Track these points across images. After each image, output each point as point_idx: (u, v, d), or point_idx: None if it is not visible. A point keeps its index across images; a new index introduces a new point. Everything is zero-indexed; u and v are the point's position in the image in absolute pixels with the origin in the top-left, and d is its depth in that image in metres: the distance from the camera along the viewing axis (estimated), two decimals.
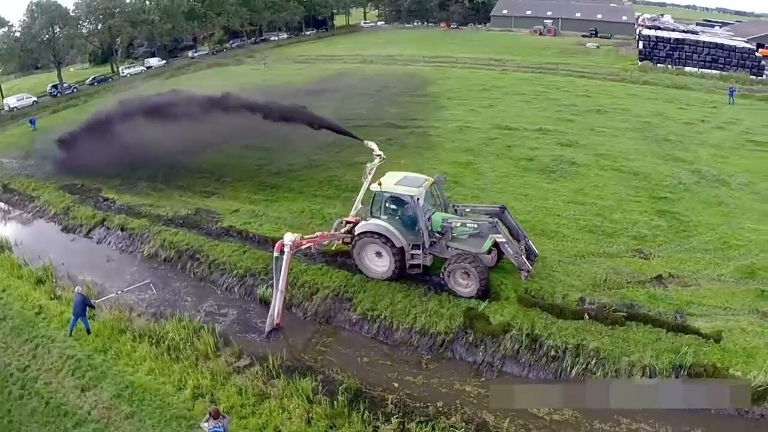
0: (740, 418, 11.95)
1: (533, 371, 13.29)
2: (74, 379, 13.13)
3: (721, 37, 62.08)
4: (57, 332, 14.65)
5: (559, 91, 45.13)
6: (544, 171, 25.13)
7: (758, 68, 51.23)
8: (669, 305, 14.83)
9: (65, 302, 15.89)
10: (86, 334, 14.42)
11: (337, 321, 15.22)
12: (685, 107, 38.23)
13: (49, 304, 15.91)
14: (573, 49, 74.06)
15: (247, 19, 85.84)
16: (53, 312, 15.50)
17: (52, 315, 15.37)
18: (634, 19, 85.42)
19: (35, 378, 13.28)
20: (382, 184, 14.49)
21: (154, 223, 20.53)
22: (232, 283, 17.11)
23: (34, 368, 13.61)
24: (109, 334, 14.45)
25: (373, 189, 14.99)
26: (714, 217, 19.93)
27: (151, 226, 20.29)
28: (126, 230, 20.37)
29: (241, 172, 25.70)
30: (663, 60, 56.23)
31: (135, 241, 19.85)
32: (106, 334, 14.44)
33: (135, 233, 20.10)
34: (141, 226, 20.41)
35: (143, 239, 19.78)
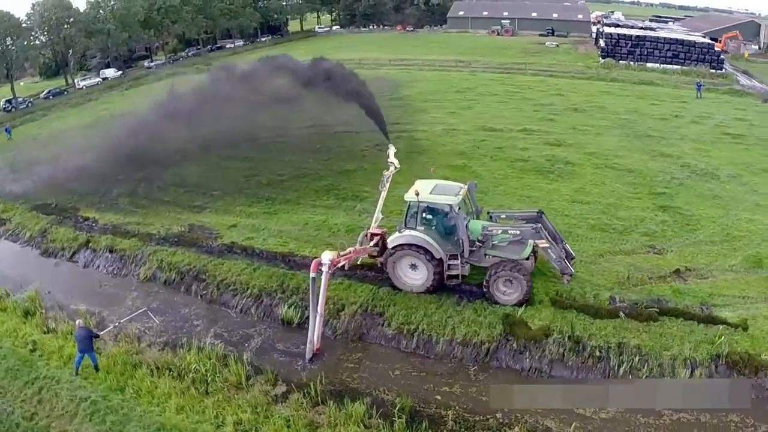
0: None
1: (581, 373, 13.61)
2: (93, 425, 12.21)
3: (678, 32, 65.88)
4: (60, 371, 13.67)
5: (533, 91, 46.60)
6: (541, 171, 25.85)
7: (718, 62, 54.70)
8: (694, 298, 15.62)
9: (61, 335, 14.98)
10: (95, 372, 13.56)
11: (370, 337, 15.04)
12: (657, 103, 40.35)
13: (43, 339, 14.89)
14: (534, 49, 76.61)
15: (203, 27, 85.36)
16: (50, 348, 14.50)
17: (50, 351, 14.36)
18: (589, 17, 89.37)
19: (47, 427, 12.26)
20: (419, 194, 14.43)
21: (146, 243, 19.67)
22: (247, 304, 16.59)
23: (42, 416, 12.58)
24: (121, 369, 13.62)
25: (409, 200, 14.93)
26: (712, 210, 21.13)
27: (144, 246, 19.43)
28: (115, 252, 19.40)
29: (229, 184, 25.05)
30: (625, 57, 59.13)
31: (127, 263, 18.93)
32: (117, 369, 13.60)
33: (126, 255, 19.18)
34: (132, 246, 19.50)
35: (137, 261, 18.91)
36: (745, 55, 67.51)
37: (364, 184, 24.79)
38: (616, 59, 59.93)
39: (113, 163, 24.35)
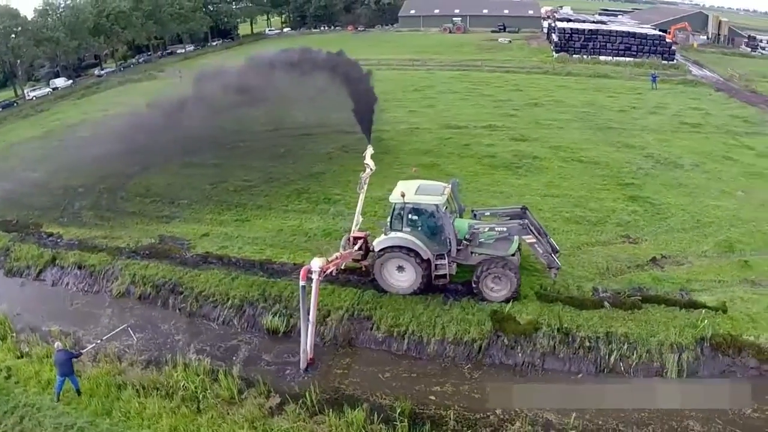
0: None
1: (574, 364, 13.95)
2: None
3: (628, 25, 68.50)
4: (41, 398, 12.95)
5: (491, 87, 47.49)
6: (509, 167, 26.34)
7: (669, 54, 57.21)
8: (673, 285, 16.29)
9: (37, 359, 14.17)
10: (77, 396, 12.91)
11: (360, 342, 14.93)
12: (615, 95, 41.89)
13: (17, 364, 14.05)
14: (487, 45, 78.11)
15: (153, 32, 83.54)
16: (26, 373, 13.70)
17: (27, 377, 13.57)
18: (540, 12, 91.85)
19: None
20: (405, 195, 14.39)
21: (116, 257, 18.85)
22: (229, 316, 16.16)
23: None
24: (105, 391, 13.01)
25: (394, 201, 14.86)
26: (679, 198, 22.09)
27: (114, 261, 18.63)
28: (84, 268, 18.51)
29: (195, 192, 24.35)
30: (578, 51, 61.02)
31: (98, 279, 18.11)
32: (101, 392, 12.98)
33: (96, 270, 18.34)
34: (101, 261, 18.65)
35: (108, 276, 18.10)
36: (694, 45, 70.85)
37: (334, 186, 24.68)
38: (570, 53, 61.77)
39: (72, 175, 23.23)
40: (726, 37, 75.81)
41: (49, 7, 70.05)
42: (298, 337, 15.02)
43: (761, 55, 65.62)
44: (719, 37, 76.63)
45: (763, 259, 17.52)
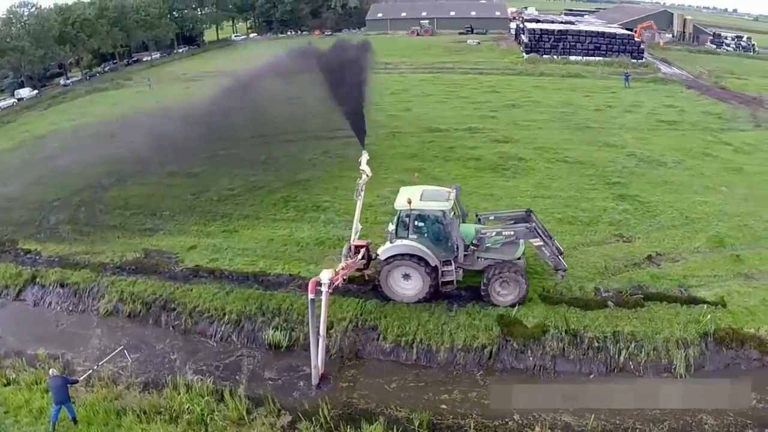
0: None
1: (585, 365, 14.06)
2: None
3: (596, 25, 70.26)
4: (33, 429, 12.27)
5: (467, 89, 47.97)
6: (496, 169, 26.56)
7: (638, 52, 58.92)
8: (671, 281, 16.66)
9: (26, 386, 13.44)
10: (74, 425, 12.26)
11: (367, 353, 14.69)
12: (590, 95, 42.85)
13: (5, 392, 13.29)
14: (456, 47, 78.94)
15: (119, 40, 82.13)
16: (15, 402, 12.94)
17: (17, 406, 12.82)
18: (507, 14, 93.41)
19: None
20: (411, 202, 14.25)
21: (100, 274, 18.10)
22: (227, 332, 15.66)
23: None
24: (103, 419, 12.40)
25: (400, 208, 14.70)
26: (666, 195, 22.66)
27: (99, 278, 17.87)
28: (67, 286, 17.68)
29: (177, 202, 23.66)
30: (548, 51, 62.32)
31: (83, 297, 17.32)
32: (99, 419, 12.39)
33: (81, 288, 17.54)
34: (85, 278, 17.87)
35: (94, 294, 17.35)
36: (660, 43, 73.23)
37: (321, 193, 24.39)
38: (540, 54, 63.02)
39: (46, 188, 22.25)
40: (691, 34, 78.78)
41: (13, 15, 68.29)
42: (301, 351, 14.84)
43: (726, 52, 68.38)
44: (684, 34, 79.53)
45: (753, 252, 18.10)
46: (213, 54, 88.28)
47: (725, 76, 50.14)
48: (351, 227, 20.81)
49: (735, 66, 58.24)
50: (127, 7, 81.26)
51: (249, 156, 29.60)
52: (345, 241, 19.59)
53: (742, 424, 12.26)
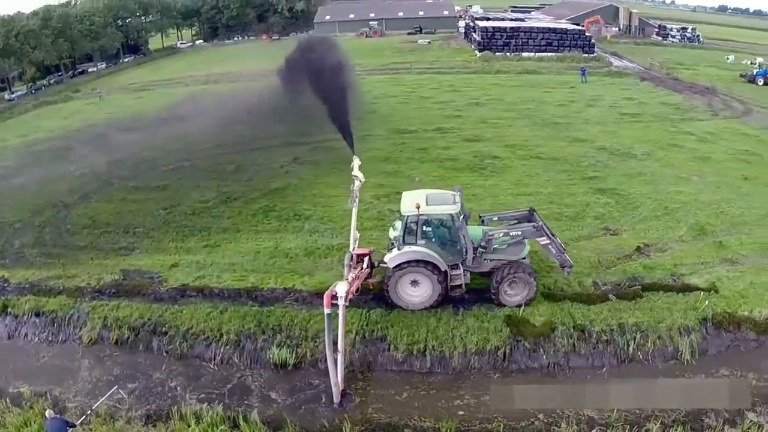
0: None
1: (596, 359, 14.34)
2: None
3: (545, 21, 72.40)
4: None
5: (427, 89, 48.37)
6: (474, 169, 26.84)
7: (589, 47, 61.11)
8: (663, 271, 17.30)
9: (14, 429, 12.43)
10: None
11: (379, 365, 14.39)
12: (549, 90, 44.06)
13: None
14: (408, 48, 79.65)
15: (65, 51, 79.47)
16: None
17: None
18: (454, 13, 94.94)
19: None
20: (420, 207, 14.10)
21: (78, 299, 16.94)
22: (227, 353, 15.00)
23: None
24: None
25: (407, 213, 14.51)
26: (642, 187, 23.54)
27: (77, 304, 16.73)
28: (44, 315, 16.47)
29: (149, 218, 22.56)
30: (501, 48, 63.76)
31: (63, 326, 16.15)
32: None
33: (59, 316, 16.37)
34: (63, 305, 16.69)
35: (75, 322, 16.21)
36: (607, 37, 76.24)
37: (300, 201, 23.93)
38: (493, 51, 64.39)
39: (4, 210, 20.76)
40: (637, 27, 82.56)
41: None
42: (309, 368, 14.49)
43: (672, 43, 71.92)
44: (630, 27, 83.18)
45: (734, 238, 19.05)
46: (160, 62, 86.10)
47: (675, 67, 52.73)
48: (337, 235, 20.72)
49: (683, 57, 61.43)
50: (71, 17, 79.26)
51: (215, 166, 28.73)
52: (335, 250, 19.46)
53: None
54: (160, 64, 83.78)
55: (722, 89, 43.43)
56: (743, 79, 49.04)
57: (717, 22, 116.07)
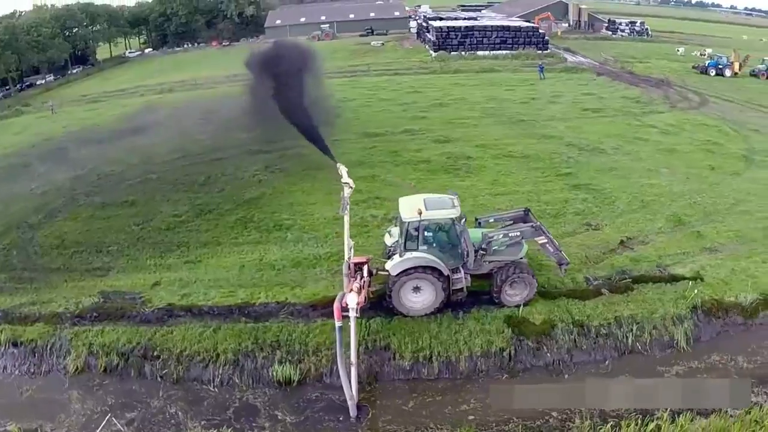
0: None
1: (598, 353, 14.73)
2: None
3: (498, 19, 73.87)
4: None
5: (388, 91, 48.49)
6: (448, 170, 27.04)
7: (543, 43, 62.72)
8: (649, 263, 17.95)
9: None
10: None
11: (386, 375, 14.22)
12: (510, 88, 44.94)
13: None
14: (362, 50, 79.72)
15: (12, 64, 76.98)
16: None
17: None
18: (405, 13, 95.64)
19: None
20: (422, 212, 14.04)
21: (57, 326, 15.93)
22: (226, 374, 14.48)
23: None
24: None
25: (408, 219, 14.40)
26: (615, 181, 24.33)
27: (58, 331, 15.73)
28: (22, 345, 15.42)
29: (122, 235, 21.52)
30: (456, 48, 64.63)
31: (45, 356, 15.13)
32: None
33: (39, 346, 15.39)
34: (42, 333, 15.66)
35: (57, 351, 15.20)
36: (558, 33, 78.44)
37: (278, 211, 23.44)
38: (448, 51, 65.19)
39: None
40: (586, 22, 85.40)
41: None
42: (315, 383, 14.18)
43: (622, 37, 74.73)
44: (580, 23, 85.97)
45: (710, 227, 19.96)
46: (109, 73, 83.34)
47: (628, 60, 54.74)
48: (322, 244, 20.39)
49: (634, 50, 63.91)
50: (18, 29, 76.77)
51: (184, 178, 27.80)
52: (323, 260, 19.15)
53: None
54: (110, 75, 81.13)
55: (676, 81, 45.53)
56: (696, 71, 51.70)
57: (662, 15, 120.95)
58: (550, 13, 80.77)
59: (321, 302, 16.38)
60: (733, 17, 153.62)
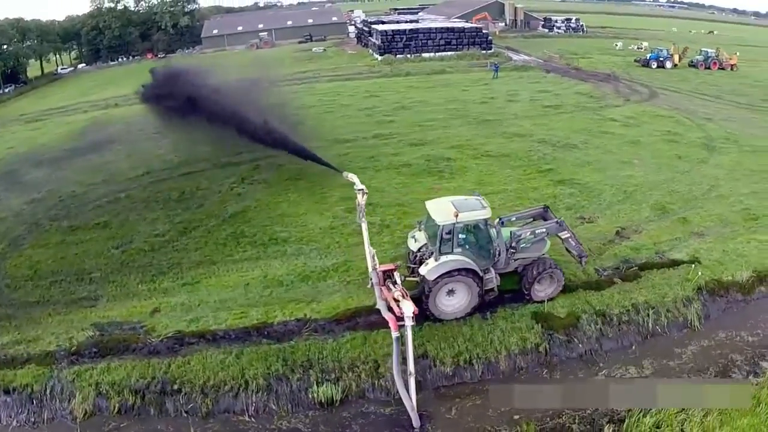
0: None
1: (624, 339, 15.20)
2: None
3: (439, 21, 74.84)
4: None
5: (345, 97, 47.88)
6: (432, 172, 26.91)
7: (487, 43, 64.06)
8: (648, 251, 18.64)
9: None
10: None
11: (430, 383, 13.88)
12: (466, 89, 45.52)
13: None
14: (304, 56, 78.57)
15: None
16: None
17: None
18: (343, 18, 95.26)
19: None
20: (458, 215, 13.76)
21: (53, 367, 14.37)
22: (260, 401, 13.58)
23: None
24: None
25: (443, 222, 14.07)
26: (594, 175, 25.08)
27: (55, 372, 14.19)
28: (16, 391, 13.79)
29: (102, 260, 19.86)
30: (401, 51, 64.94)
31: (45, 401, 13.55)
32: None
33: (36, 391, 13.82)
34: (37, 377, 14.02)
35: (58, 395, 13.67)
36: (496, 33, 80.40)
37: (270, 224, 22.44)
38: (394, 54, 65.38)
39: None
40: (522, 21, 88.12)
41: None
42: (357, 399, 13.58)
43: (558, 34, 77.50)
44: (516, 22, 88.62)
45: (693, 213, 20.98)
46: (44, 90, 77.63)
47: (572, 56, 56.74)
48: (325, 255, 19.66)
49: (573, 47, 66.41)
50: None
51: (156, 195, 26.11)
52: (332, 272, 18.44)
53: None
54: (45, 92, 75.54)
55: (623, 75, 47.63)
56: (638, 64, 54.48)
57: (590, 11, 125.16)
58: (488, 13, 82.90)
59: (344, 315, 15.81)
60: (659, 10, 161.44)
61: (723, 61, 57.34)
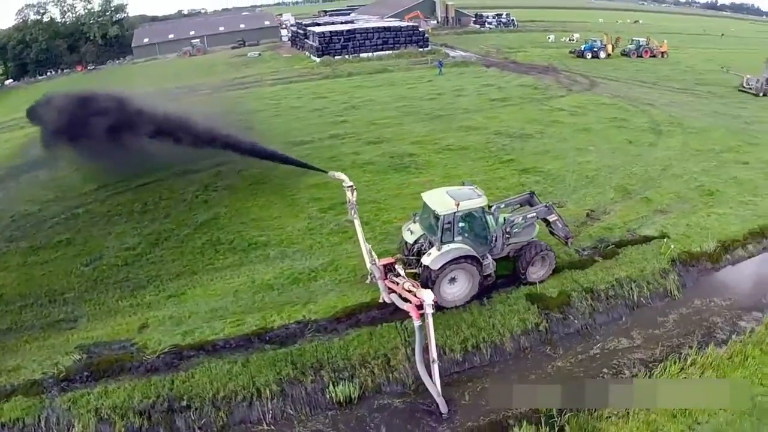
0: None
1: (614, 312, 16.07)
2: None
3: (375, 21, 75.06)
4: None
5: (292, 99, 47.11)
6: (397, 169, 27.04)
7: (424, 41, 64.89)
8: (620, 230, 19.62)
9: None
10: None
11: (443, 369, 13.89)
12: (411, 87, 45.86)
13: None
14: (240, 62, 76.62)
15: None
16: None
17: None
18: (275, 22, 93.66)
19: None
20: (459, 204, 13.92)
21: (43, 396, 13.25)
22: (276, 408, 13.18)
23: None
24: None
25: (444, 213, 14.16)
26: (555, 163, 26.08)
27: (47, 402, 13.13)
28: (6, 427, 12.59)
29: (73, 279, 18.53)
30: (339, 52, 64.70)
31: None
32: None
33: (29, 424, 12.71)
34: (27, 408, 12.88)
35: (54, 426, 12.66)
36: (429, 30, 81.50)
37: (244, 229, 21.78)
38: (332, 55, 65.04)
39: None
40: (453, 18, 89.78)
41: None
42: (374, 394, 13.49)
43: (490, 30, 79.50)
44: (448, 19, 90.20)
45: (653, 193, 22.32)
46: None
47: (508, 51, 58.44)
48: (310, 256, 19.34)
49: (507, 41, 68.31)
50: None
51: (117, 208, 24.64)
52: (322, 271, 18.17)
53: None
54: None
55: (560, 66, 49.53)
56: (573, 55, 56.80)
57: (520, 5, 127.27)
58: (419, 12, 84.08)
59: (344, 314, 15.62)
60: (583, 2, 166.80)
61: (654, 49, 60.45)
